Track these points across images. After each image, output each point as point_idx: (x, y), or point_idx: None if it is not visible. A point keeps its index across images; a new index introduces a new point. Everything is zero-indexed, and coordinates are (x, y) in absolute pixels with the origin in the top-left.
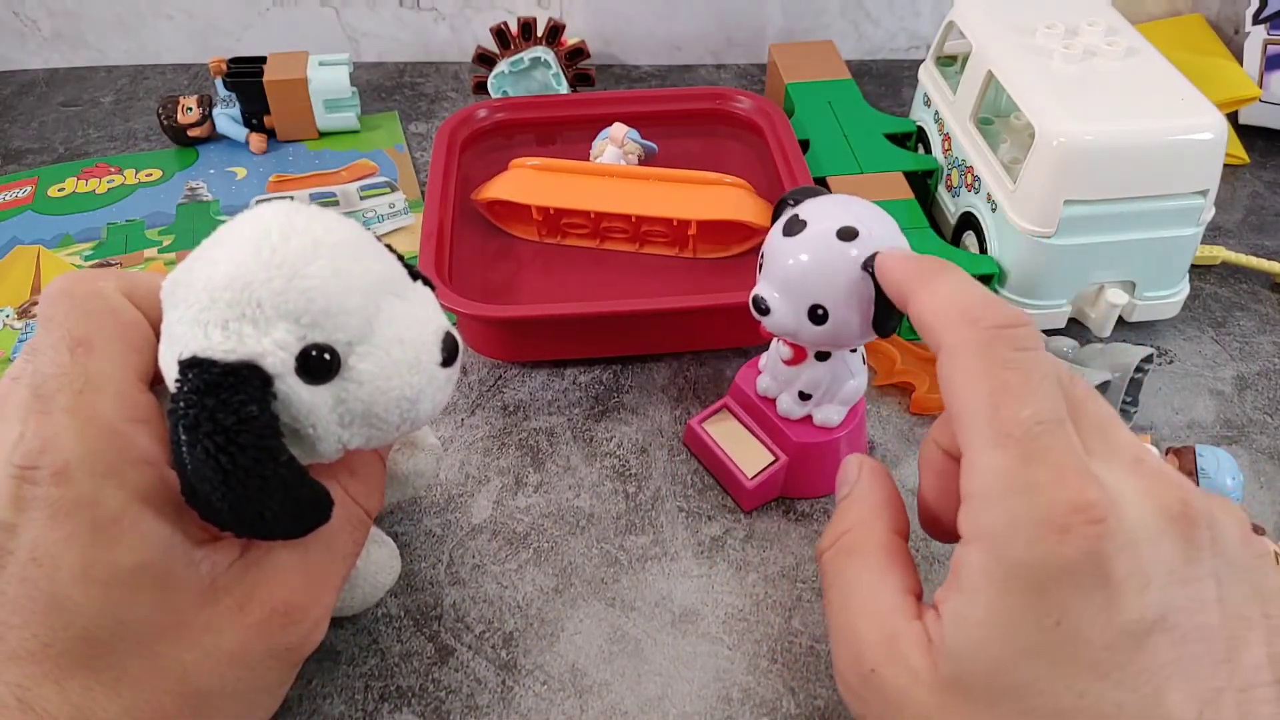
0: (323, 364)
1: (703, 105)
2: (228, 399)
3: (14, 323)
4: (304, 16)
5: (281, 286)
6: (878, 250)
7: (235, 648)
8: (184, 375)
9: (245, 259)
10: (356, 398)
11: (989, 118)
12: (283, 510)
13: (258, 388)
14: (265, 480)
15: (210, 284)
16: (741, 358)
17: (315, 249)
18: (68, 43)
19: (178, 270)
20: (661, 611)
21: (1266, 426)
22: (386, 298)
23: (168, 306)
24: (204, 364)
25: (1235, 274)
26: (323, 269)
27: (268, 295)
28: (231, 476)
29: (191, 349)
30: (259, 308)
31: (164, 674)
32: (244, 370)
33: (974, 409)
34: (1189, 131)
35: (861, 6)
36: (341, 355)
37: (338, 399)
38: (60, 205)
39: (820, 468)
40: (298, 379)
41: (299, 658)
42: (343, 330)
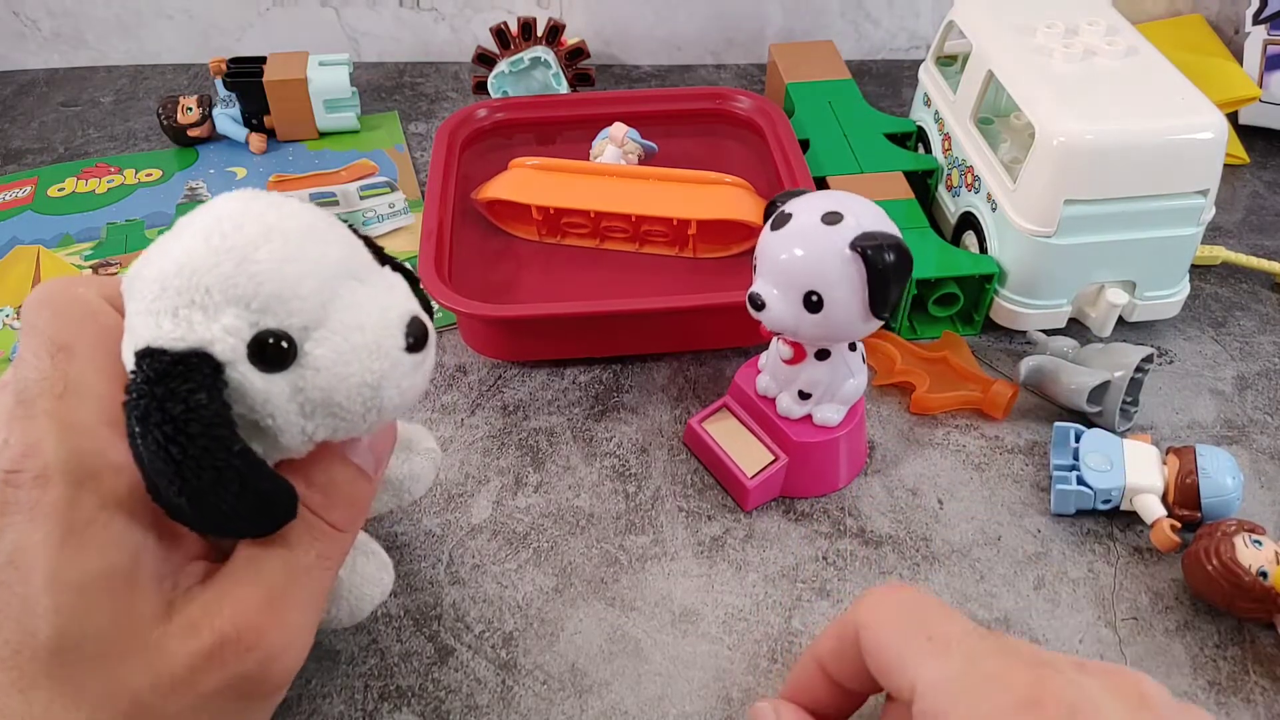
0: (277, 350)
1: (703, 105)
2: (176, 387)
3: (14, 322)
4: (304, 16)
5: (230, 271)
6: (865, 230)
7: (184, 675)
8: (138, 366)
9: (196, 246)
10: (315, 385)
11: (989, 117)
12: (241, 503)
13: (207, 375)
14: (219, 471)
15: (161, 273)
16: (741, 357)
17: (267, 234)
18: (68, 43)
19: (135, 264)
20: (661, 611)
21: (1267, 426)
22: (346, 282)
23: (126, 300)
24: (155, 353)
25: (1235, 274)
26: (273, 253)
27: (215, 280)
28: (183, 467)
29: (145, 339)
30: (207, 294)
31: (118, 697)
32: (193, 358)
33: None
34: (1189, 131)
35: (861, 6)
36: (297, 341)
37: (295, 387)
38: (60, 205)
39: (820, 467)
40: (251, 367)
41: (261, 692)
42: (296, 315)
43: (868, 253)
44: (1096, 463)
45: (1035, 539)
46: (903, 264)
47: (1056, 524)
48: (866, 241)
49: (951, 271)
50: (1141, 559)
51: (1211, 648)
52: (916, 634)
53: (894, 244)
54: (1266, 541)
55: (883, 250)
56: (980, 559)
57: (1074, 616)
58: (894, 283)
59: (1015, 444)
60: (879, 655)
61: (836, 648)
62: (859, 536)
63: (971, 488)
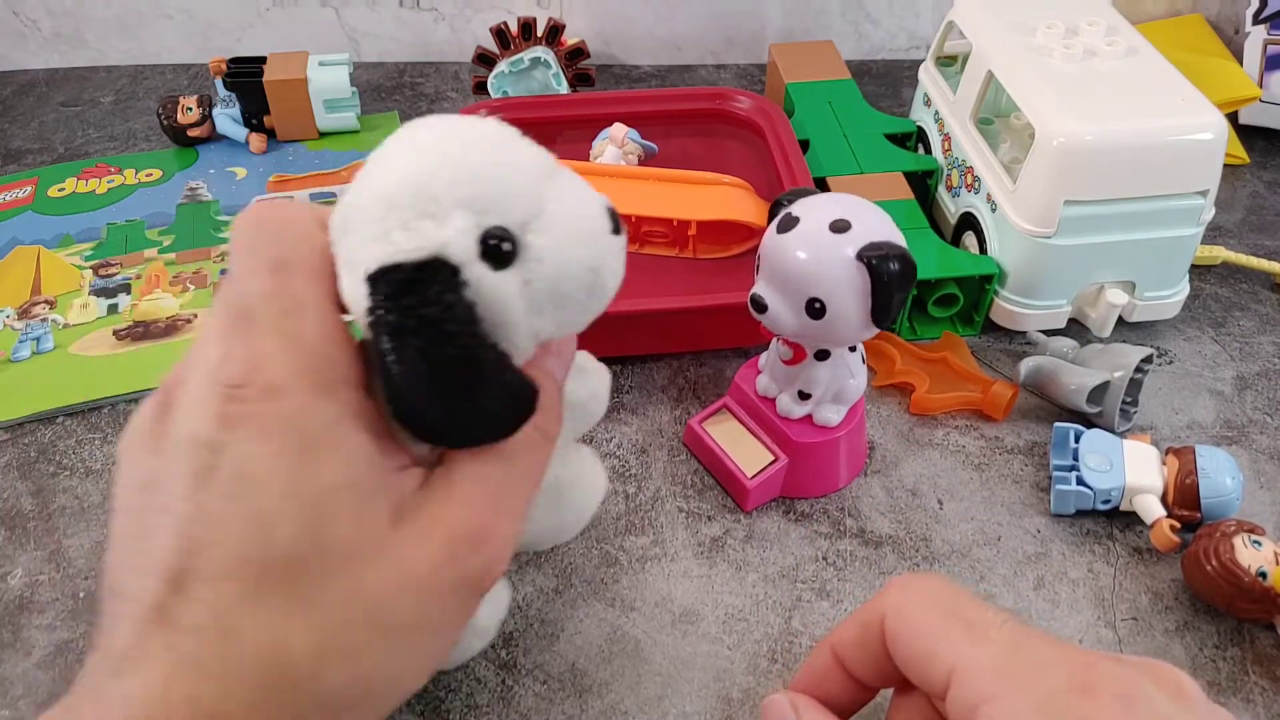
0: (509, 246)
1: (703, 105)
2: (424, 293)
3: (14, 323)
4: (304, 16)
5: (450, 177)
6: (872, 240)
7: (422, 575)
8: (375, 286)
9: (410, 164)
10: (541, 276)
11: (989, 118)
12: (496, 401)
13: (449, 277)
14: (477, 368)
15: (383, 194)
16: (741, 358)
17: (472, 142)
18: (68, 43)
19: (342, 204)
20: (661, 612)
21: (1266, 426)
22: (548, 178)
23: (341, 236)
24: (393, 269)
25: (1235, 274)
26: (484, 157)
27: (441, 188)
28: (442, 370)
29: (377, 260)
30: (433, 201)
31: (355, 602)
32: (433, 263)
33: (942, 628)
34: (1189, 131)
35: (861, 6)
36: (518, 236)
37: (524, 281)
38: (60, 205)
39: (820, 468)
40: (482, 265)
41: (482, 589)
42: (515, 211)
43: (873, 263)
44: (1096, 463)
45: (1035, 539)
46: (907, 275)
47: (1056, 524)
48: (872, 252)
49: (951, 272)
50: (1141, 559)
51: (1211, 648)
52: (952, 620)
53: (899, 255)
54: (1266, 542)
55: (888, 261)
56: (980, 559)
57: (1074, 617)
58: (897, 294)
59: (1015, 444)
60: (910, 641)
61: (858, 636)
62: (859, 537)
63: (971, 488)
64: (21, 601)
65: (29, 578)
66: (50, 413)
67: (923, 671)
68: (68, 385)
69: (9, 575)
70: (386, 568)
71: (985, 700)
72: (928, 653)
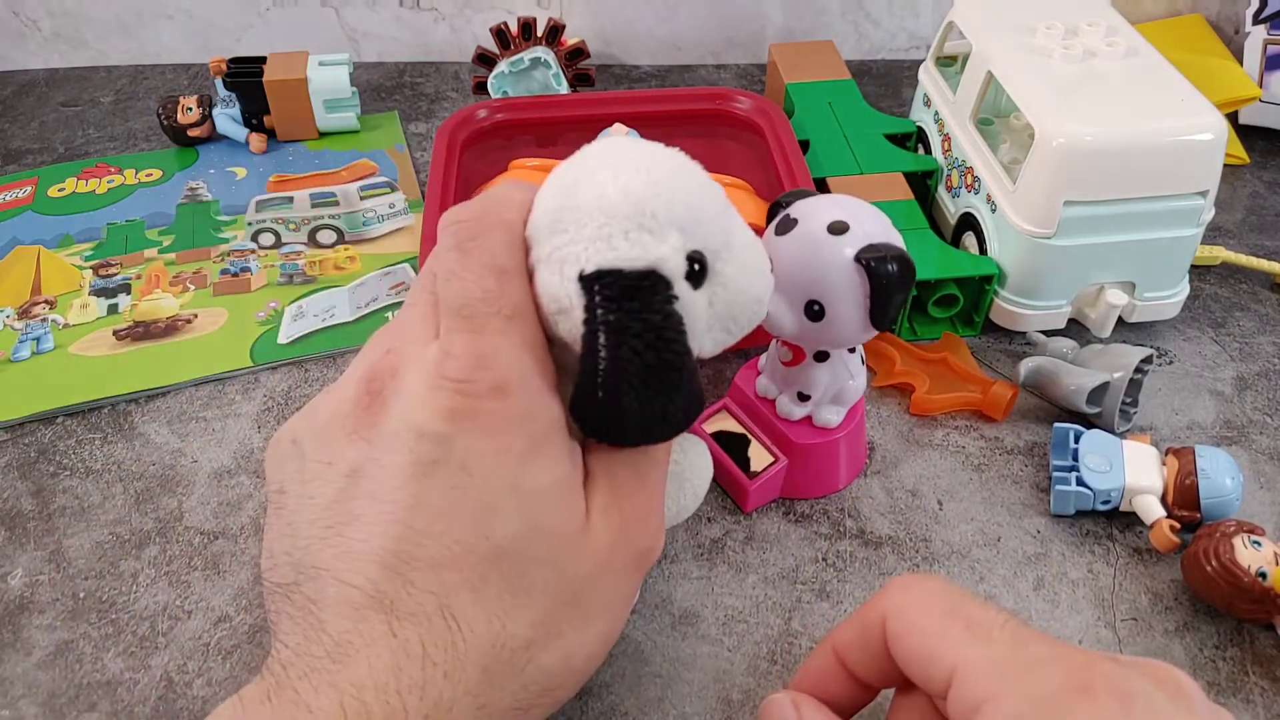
0: (703, 267)
1: (703, 105)
2: (648, 300)
3: (14, 323)
4: (304, 16)
5: (669, 198)
6: (870, 242)
7: (609, 554)
8: (593, 287)
9: (628, 180)
10: (722, 300)
11: (989, 118)
12: (683, 405)
13: (667, 289)
14: (680, 374)
15: (603, 204)
16: (741, 358)
17: (681, 168)
18: (68, 43)
19: (550, 204)
20: (661, 613)
21: (1266, 427)
22: (729, 213)
23: (548, 235)
24: (613, 274)
25: (1235, 274)
26: (692, 183)
27: (660, 207)
28: (654, 372)
29: (595, 263)
30: (653, 218)
31: (562, 585)
32: (653, 274)
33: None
34: (1189, 132)
35: (861, 7)
36: (710, 262)
37: (710, 302)
38: (60, 205)
39: (820, 469)
40: (685, 283)
41: (648, 564)
42: (711, 237)
43: (872, 265)
44: (1096, 464)
45: (1035, 540)
46: (906, 277)
47: (1056, 525)
48: (871, 254)
49: (951, 273)
50: (1141, 560)
51: (1211, 648)
52: (953, 619)
53: (898, 256)
54: (1266, 542)
55: (886, 263)
56: (980, 560)
57: (1073, 617)
58: (896, 296)
59: (1015, 445)
60: (911, 641)
61: (859, 636)
62: (859, 538)
63: (971, 489)
64: (21, 601)
65: (29, 578)
66: (50, 413)
67: (924, 671)
68: (68, 385)
69: (9, 575)
70: (584, 554)
71: (986, 700)
72: (929, 653)
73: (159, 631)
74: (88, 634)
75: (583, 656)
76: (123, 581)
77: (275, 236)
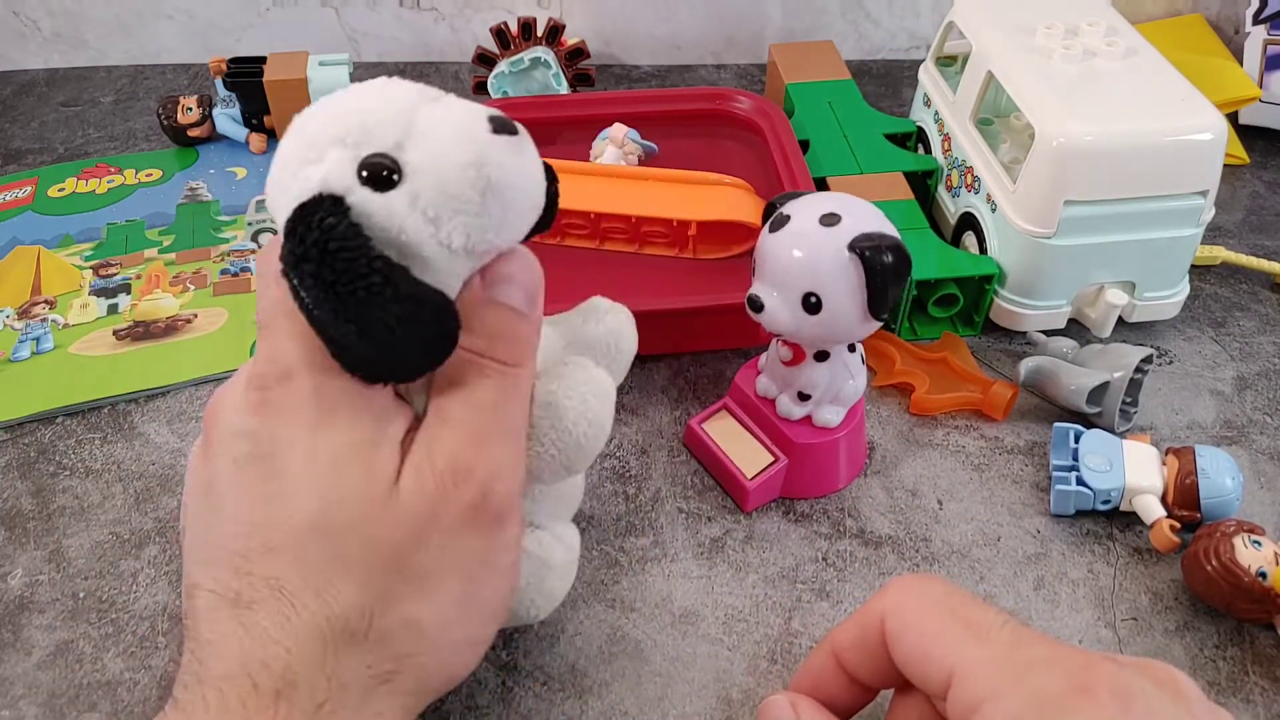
0: (381, 168)
1: (703, 105)
2: (308, 221)
3: (14, 323)
4: (304, 16)
5: (324, 120)
6: (863, 231)
7: (430, 512)
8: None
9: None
10: (424, 186)
11: (989, 118)
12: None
13: (329, 205)
14: (369, 281)
15: (281, 156)
16: (741, 358)
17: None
18: (68, 43)
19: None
20: (661, 613)
21: (1266, 427)
22: (424, 104)
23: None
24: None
25: (1235, 274)
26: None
27: (315, 131)
28: (337, 290)
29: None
30: (311, 146)
31: (379, 550)
32: (315, 198)
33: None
34: (1189, 132)
35: (861, 6)
36: (395, 157)
37: (412, 196)
38: (60, 205)
39: (820, 468)
40: (365, 190)
41: (487, 520)
42: (387, 136)
43: (866, 254)
44: (1096, 463)
45: (1035, 539)
46: (901, 265)
47: (1056, 524)
48: (864, 243)
49: (951, 272)
50: (1141, 559)
51: (1211, 648)
52: (952, 620)
53: (892, 245)
54: (1266, 542)
55: (880, 251)
56: (980, 560)
57: (1074, 617)
58: (892, 284)
59: (1015, 445)
60: (910, 641)
61: (858, 636)
62: (859, 537)
63: (971, 488)
64: (21, 601)
65: (29, 578)
66: (50, 413)
67: (923, 672)
68: (67, 385)
69: (9, 575)
70: (397, 515)
71: (986, 700)
72: (928, 653)
73: (159, 631)
74: (87, 634)
75: (434, 623)
76: (123, 581)
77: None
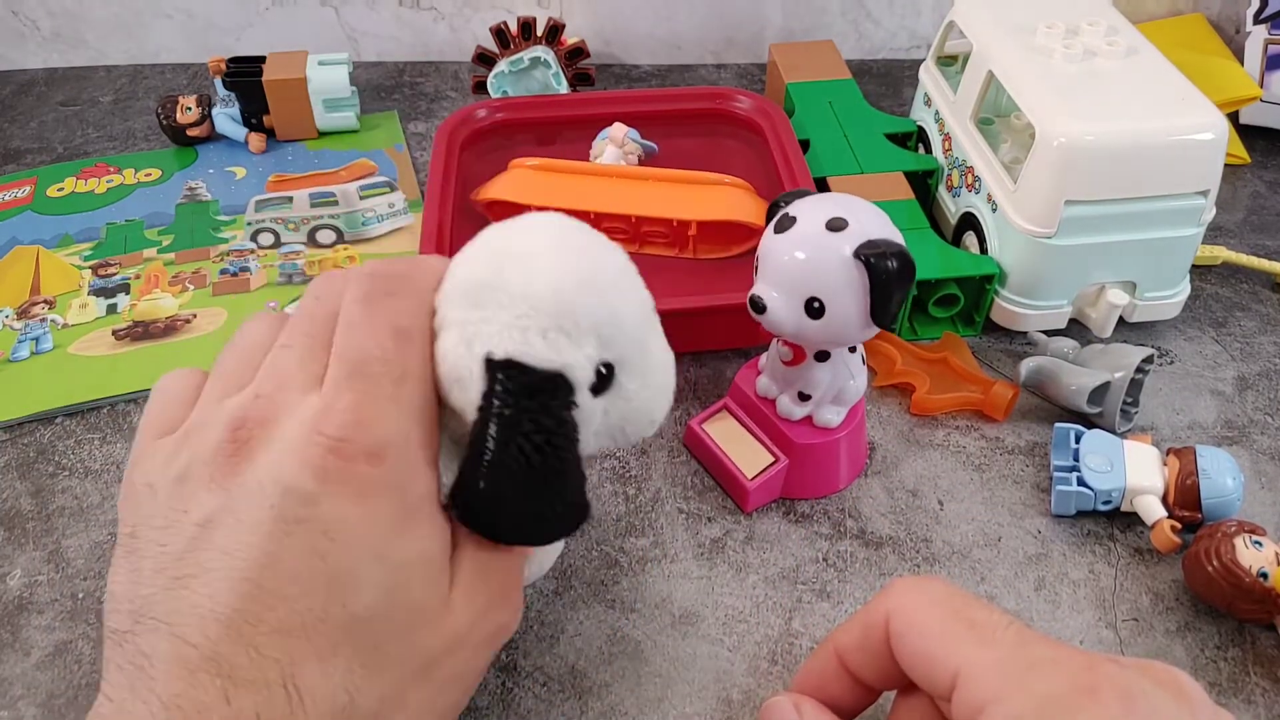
0: (608, 379)
1: (703, 105)
2: (546, 403)
3: (13, 323)
4: (303, 16)
5: (594, 305)
6: (869, 239)
7: (466, 632)
8: (497, 375)
9: (560, 276)
10: (619, 412)
11: (989, 118)
12: (563, 514)
13: (568, 395)
14: (565, 482)
15: (529, 292)
16: (741, 358)
17: (614, 272)
18: (67, 42)
19: (479, 269)
20: (661, 613)
21: (1267, 427)
22: (650, 327)
23: (463, 304)
24: (521, 368)
25: (1236, 274)
26: (622, 292)
27: (584, 313)
28: (537, 474)
29: (507, 351)
30: (575, 323)
31: (413, 659)
32: (559, 379)
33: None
34: (1190, 131)
35: (862, 6)
36: (618, 373)
37: (605, 411)
38: (59, 205)
39: (820, 469)
40: (587, 391)
41: (504, 639)
42: (627, 351)
43: (871, 261)
44: (1097, 464)
45: (1036, 540)
46: (905, 273)
47: (1057, 525)
48: (870, 250)
49: (952, 272)
50: (1142, 560)
51: (1212, 649)
52: (957, 621)
53: (897, 252)
54: (1267, 542)
55: (886, 259)
56: (981, 560)
57: (1075, 618)
58: (896, 292)
59: (1015, 445)
60: (914, 642)
61: (861, 637)
62: (859, 538)
63: (972, 489)
64: (20, 602)
65: (28, 578)
66: (49, 413)
67: (927, 673)
68: (67, 385)
69: (8, 576)
70: (443, 629)
71: (990, 701)
72: (933, 654)
73: None
74: (86, 634)
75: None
76: None
77: (274, 236)
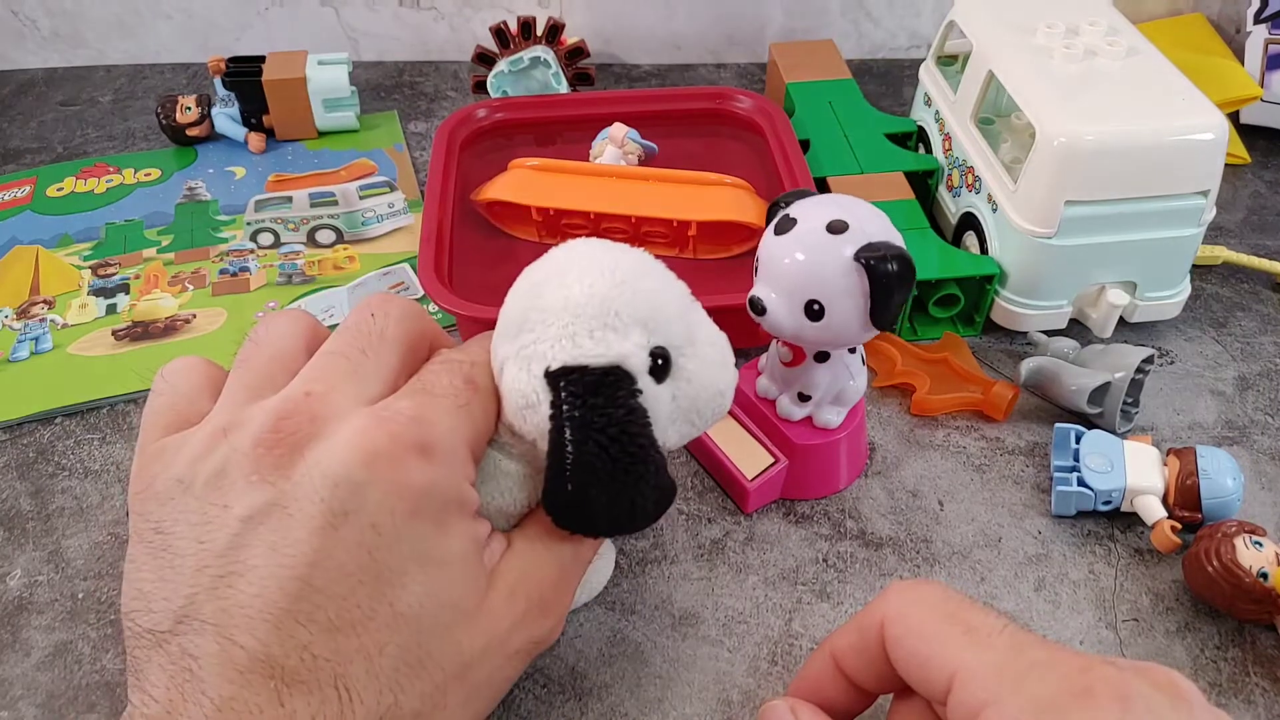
0: (666, 364)
1: (703, 105)
2: (612, 395)
3: (12, 323)
4: (303, 16)
5: (630, 297)
6: (870, 241)
7: (504, 636)
8: (559, 383)
9: (594, 280)
10: (685, 394)
11: (989, 118)
12: (651, 497)
13: (631, 384)
14: (647, 466)
15: (569, 303)
16: (741, 358)
17: (644, 268)
18: (66, 42)
19: (518, 304)
20: (661, 614)
21: (1268, 427)
22: (692, 309)
23: (516, 334)
24: (578, 370)
25: (1236, 274)
26: (654, 283)
27: (624, 305)
28: (620, 464)
29: (561, 359)
30: (617, 317)
31: (453, 661)
32: (617, 370)
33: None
34: (1190, 131)
35: (862, 6)
36: (673, 357)
37: (672, 396)
38: (59, 205)
39: (821, 469)
40: (649, 378)
41: (539, 652)
42: (674, 334)
43: (871, 264)
44: (1097, 464)
45: (1036, 540)
46: (905, 276)
47: (1057, 525)
48: (870, 253)
49: (952, 272)
50: (1142, 560)
51: (1212, 649)
52: (953, 624)
53: (898, 255)
54: (1267, 543)
55: (886, 262)
56: (981, 560)
57: (1075, 618)
58: (896, 295)
59: (1016, 445)
60: (910, 645)
61: (857, 641)
62: (859, 538)
63: (972, 489)
64: (20, 602)
65: (28, 578)
66: (49, 413)
67: (924, 676)
68: (66, 385)
69: (8, 576)
70: (480, 630)
71: (987, 704)
72: (929, 657)
73: None
74: (86, 635)
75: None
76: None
77: (274, 236)
